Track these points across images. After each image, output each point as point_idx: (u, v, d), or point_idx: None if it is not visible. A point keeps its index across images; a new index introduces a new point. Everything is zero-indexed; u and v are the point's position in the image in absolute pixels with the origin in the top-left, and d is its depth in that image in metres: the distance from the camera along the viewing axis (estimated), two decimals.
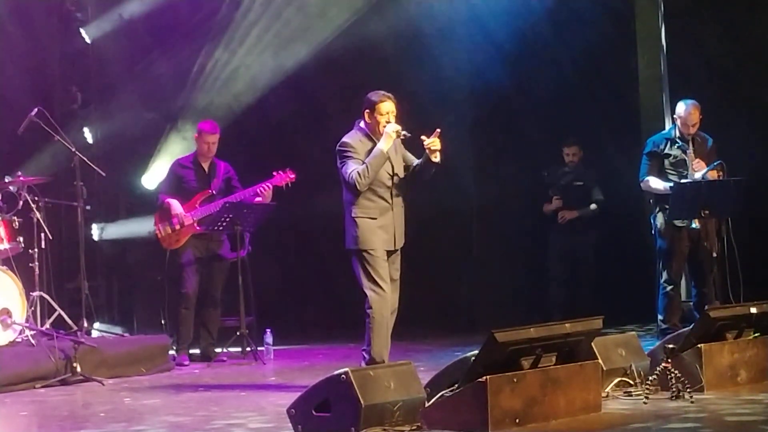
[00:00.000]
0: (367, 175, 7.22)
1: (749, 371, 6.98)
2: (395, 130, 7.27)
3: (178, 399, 7.59)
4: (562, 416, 5.90)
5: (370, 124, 7.39)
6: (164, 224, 9.73)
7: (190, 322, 9.73)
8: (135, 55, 11.45)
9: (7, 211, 9.09)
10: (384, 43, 11.43)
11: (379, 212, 7.32)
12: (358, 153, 7.31)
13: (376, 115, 7.34)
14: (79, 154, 9.53)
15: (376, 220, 7.31)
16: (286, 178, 9.50)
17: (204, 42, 11.40)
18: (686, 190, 9.16)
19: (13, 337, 8.68)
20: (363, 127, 7.42)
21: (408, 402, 5.77)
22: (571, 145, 11.20)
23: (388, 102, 7.37)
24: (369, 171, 7.23)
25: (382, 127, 7.31)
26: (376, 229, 7.29)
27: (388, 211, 7.34)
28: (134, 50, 11.45)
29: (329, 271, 11.40)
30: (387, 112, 7.35)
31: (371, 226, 7.29)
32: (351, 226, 7.33)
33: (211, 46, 11.40)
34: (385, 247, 7.33)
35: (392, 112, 7.37)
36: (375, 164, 7.25)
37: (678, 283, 9.48)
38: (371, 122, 7.38)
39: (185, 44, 11.39)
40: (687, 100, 9.36)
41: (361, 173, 7.22)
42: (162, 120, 11.35)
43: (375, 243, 7.28)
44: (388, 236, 7.34)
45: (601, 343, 6.60)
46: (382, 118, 7.34)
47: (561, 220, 11.13)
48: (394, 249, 7.39)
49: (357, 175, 7.22)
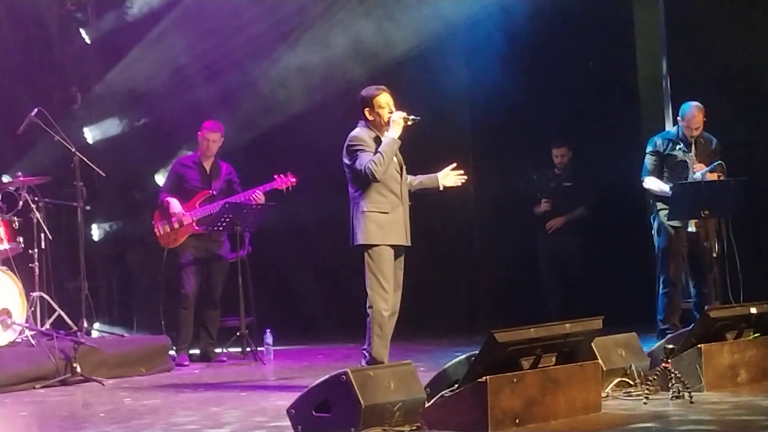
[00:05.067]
0: (382, 162, 7.09)
1: (749, 371, 6.97)
2: (402, 117, 7.19)
3: (178, 399, 7.59)
4: (562, 416, 5.90)
5: (373, 120, 7.29)
6: (163, 223, 9.74)
7: (190, 322, 9.74)
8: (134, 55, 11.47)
9: (7, 211, 9.09)
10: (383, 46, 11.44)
11: (390, 207, 7.22)
12: (369, 146, 7.20)
13: (377, 109, 7.27)
14: (79, 154, 9.53)
15: (387, 214, 7.21)
16: (287, 182, 9.50)
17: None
18: (686, 190, 9.16)
19: (13, 338, 8.68)
20: (367, 126, 7.32)
21: (408, 402, 5.77)
22: (559, 147, 11.24)
23: (384, 94, 7.33)
24: (384, 158, 7.10)
25: (387, 118, 7.23)
26: (386, 224, 7.19)
27: (399, 206, 7.26)
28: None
29: (329, 271, 11.42)
30: (387, 103, 7.29)
31: (382, 221, 7.18)
32: (360, 221, 7.18)
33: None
34: (397, 242, 7.23)
35: (391, 102, 7.31)
36: (389, 151, 7.13)
37: (677, 284, 9.48)
38: (373, 118, 7.29)
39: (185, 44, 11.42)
40: (691, 102, 9.36)
41: (376, 161, 7.09)
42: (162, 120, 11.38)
43: (384, 238, 7.18)
44: (400, 231, 7.25)
45: (601, 343, 6.60)
46: (383, 110, 7.27)
47: (549, 230, 11.16)
48: (406, 245, 7.30)
49: (372, 164, 7.09)
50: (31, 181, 9.30)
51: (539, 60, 11.73)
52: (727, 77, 10.83)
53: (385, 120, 7.25)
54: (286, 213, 10.53)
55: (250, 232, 9.83)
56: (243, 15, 11.37)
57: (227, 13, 11.43)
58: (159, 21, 11.30)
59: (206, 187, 9.79)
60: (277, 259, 11.63)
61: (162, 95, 11.41)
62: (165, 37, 11.31)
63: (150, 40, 11.30)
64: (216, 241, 9.83)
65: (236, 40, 11.40)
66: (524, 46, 11.57)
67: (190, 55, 11.42)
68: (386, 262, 7.18)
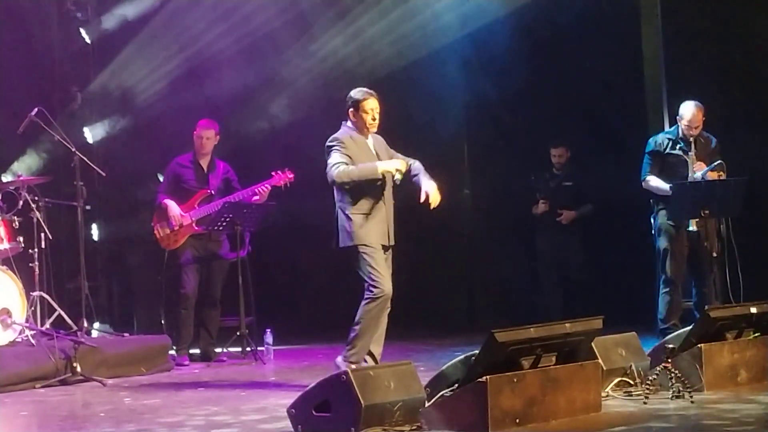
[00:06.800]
0: (349, 175, 7.20)
1: (749, 371, 6.98)
2: (397, 169, 7.23)
3: (178, 399, 7.59)
4: (562, 416, 5.90)
5: (356, 122, 7.41)
6: (162, 225, 9.73)
7: (190, 322, 9.74)
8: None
9: (7, 211, 9.09)
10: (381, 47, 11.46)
11: (372, 208, 7.33)
12: (347, 148, 7.31)
13: (361, 113, 7.38)
14: (79, 154, 9.53)
15: (370, 215, 7.32)
16: (285, 178, 9.51)
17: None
18: (686, 190, 9.15)
19: (13, 337, 8.69)
20: (350, 126, 7.44)
21: (408, 402, 5.77)
22: (558, 146, 11.25)
23: (371, 99, 7.40)
24: (353, 174, 7.21)
25: (369, 123, 7.35)
26: (368, 224, 7.31)
27: (381, 208, 7.36)
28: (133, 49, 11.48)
29: (329, 271, 11.40)
30: (371, 109, 7.39)
31: (365, 222, 7.30)
32: (345, 223, 7.33)
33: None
34: (381, 241, 7.35)
35: (376, 108, 7.40)
36: (363, 174, 7.25)
37: (677, 283, 9.47)
38: (356, 120, 7.41)
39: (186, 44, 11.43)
40: (690, 101, 9.35)
41: (344, 173, 7.20)
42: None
43: (371, 238, 7.31)
44: (383, 231, 7.36)
45: (601, 343, 6.60)
46: (366, 115, 7.37)
47: (562, 219, 11.14)
48: (389, 245, 7.42)
49: (340, 170, 7.20)
50: (31, 180, 9.31)
51: (539, 60, 11.72)
52: (727, 77, 10.83)
53: (367, 125, 7.36)
54: (287, 213, 10.52)
55: (250, 232, 9.83)
56: (247, 13, 11.38)
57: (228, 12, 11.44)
58: (159, 21, 11.29)
59: (204, 187, 9.79)
60: (277, 259, 11.63)
61: (162, 95, 11.40)
62: (165, 36, 11.32)
63: (150, 40, 11.31)
64: (215, 240, 9.83)
65: (238, 39, 11.41)
66: (524, 47, 11.57)
67: (190, 54, 11.42)
68: (379, 257, 7.30)
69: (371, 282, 7.28)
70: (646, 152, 9.49)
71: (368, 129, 7.41)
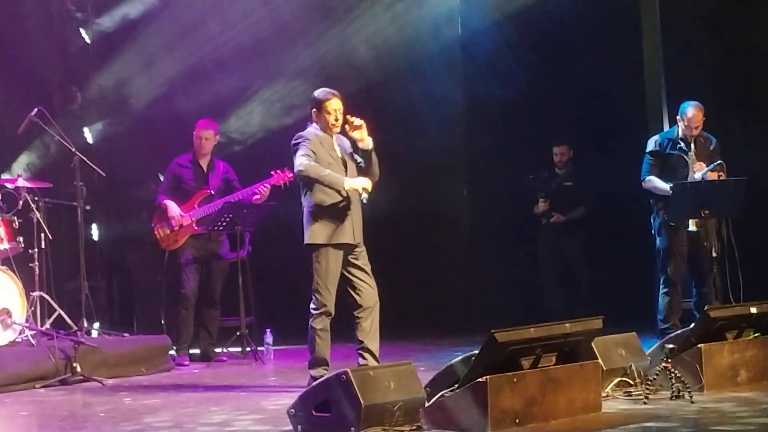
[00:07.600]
0: (319, 176, 7.21)
1: (749, 371, 6.97)
2: (363, 187, 7.22)
3: (178, 399, 7.59)
4: (562, 416, 5.90)
5: (319, 122, 7.43)
6: (162, 225, 9.73)
7: (190, 322, 9.74)
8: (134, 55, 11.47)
9: (7, 211, 9.09)
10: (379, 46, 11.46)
11: (335, 206, 7.32)
12: (311, 143, 7.32)
13: (324, 113, 7.39)
14: (79, 154, 9.53)
15: (332, 213, 7.32)
16: (284, 177, 9.50)
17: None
18: (686, 190, 9.16)
19: (13, 337, 8.68)
20: (315, 127, 7.46)
21: (408, 402, 5.77)
22: (560, 145, 11.27)
23: (334, 99, 7.41)
24: (323, 177, 7.21)
25: (331, 124, 7.35)
26: (331, 222, 7.32)
27: (346, 206, 7.34)
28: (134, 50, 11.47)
29: None
30: (334, 110, 7.39)
31: (326, 220, 7.32)
32: (307, 220, 7.37)
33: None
34: (344, 240, 7.34)
35: (339, 109, 7.40)
36: (329, 181, 7.25)
37: (677, 283, 9.47)
38: (320, 121, 7.43)
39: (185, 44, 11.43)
40: (690, 102, 9.35)
41: (317, 171, 7.21)
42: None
43: (328, 238, 7.32)
44: (347, 230, 7.35)
45: (601, 343, 6.60)
46: (329, 116, 7.37)
47: (550, 221, 11.17)
48: (354, 242, 7.39)
49: (314, 167, 7.22)
50: (31, 182, 9.30)
51: (539, 60, 11.72)
52: (726, 77, 10.83)
53: (330, 125, 7.37)
54: (287, 212, 10.51)
55: (250, 232, 9.83)
56: (247, 13, 11.38)
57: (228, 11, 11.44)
58: (159, 20, 11.29)
59: (204, 187, 9.79)
60: (277, 259, 11.62)
61: (162, 95, 11.40)
62: (165, 36, 11.32)
63: (150, 40, 11.31)
64: (215, 240, 9.83)
65: (239, 38, 11.40)
66: (525, 46, 11.56)
67: (190, 53, 11.42)
68: (330, 264, 7.34)
69: (314, 294, 7.39)
70: (646, 152, 9.49)
71: (331, 129, 7.41)
